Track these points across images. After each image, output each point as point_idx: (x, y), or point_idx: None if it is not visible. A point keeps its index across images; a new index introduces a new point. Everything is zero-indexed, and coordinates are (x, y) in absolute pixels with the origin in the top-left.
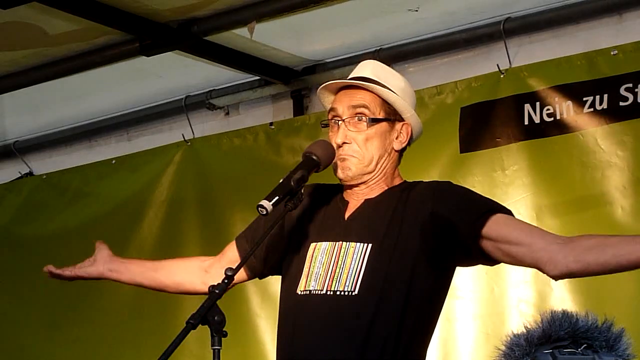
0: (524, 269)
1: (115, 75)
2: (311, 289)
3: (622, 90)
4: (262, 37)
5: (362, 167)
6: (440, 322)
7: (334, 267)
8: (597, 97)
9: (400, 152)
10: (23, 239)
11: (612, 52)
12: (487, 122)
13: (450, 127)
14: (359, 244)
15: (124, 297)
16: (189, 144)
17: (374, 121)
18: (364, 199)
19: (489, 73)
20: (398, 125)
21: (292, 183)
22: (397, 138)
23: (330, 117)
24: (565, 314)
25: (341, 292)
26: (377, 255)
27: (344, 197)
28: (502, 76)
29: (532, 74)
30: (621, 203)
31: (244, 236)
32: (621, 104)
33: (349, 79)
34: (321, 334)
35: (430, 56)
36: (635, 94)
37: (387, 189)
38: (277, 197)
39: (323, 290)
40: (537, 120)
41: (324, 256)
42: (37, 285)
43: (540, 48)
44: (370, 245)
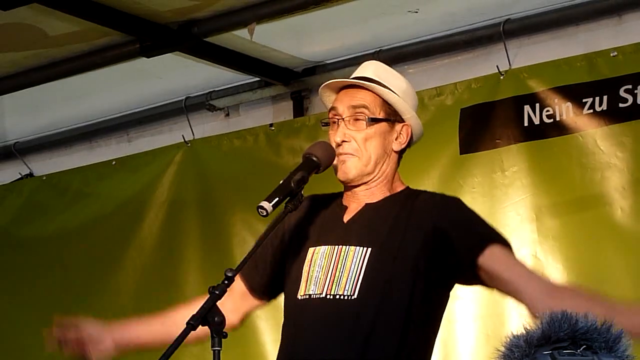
0: None
1: (116, 76)
2: (311, 293)
3: (621, 91)
4: (262, 38)
5: (361, 167)
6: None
7: (334, 270)
8: (597, 98)
9: (399, 154)
10: (23, 239)
11: (611, 54)
12: (487, 123)
13: (450, 128)
14: (358, 247)
15: (126, 298)
16: (189, 145)
17: (374, 121)
18: (365, 203)
19: (489, 74)
20: (398, 126)
21: (292, 184)
22: (396, 139)
23: (330, 116)
24: (564, 315)
25: (341, 297)
26: (376, 259)
27: (343, 202)
28: (501, 77)
29: (531, 76)
30: (620, 204)
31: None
32: (621, 105)
33: (350, 79)
34: (321, 337)
35: (430, 57)
36: (634, 96)
37: (390, 195)
38: (277, 198)
39: (323, 294)
40: (536, 121)
41: (323, 260)
42: (38, 285)
43: (539, 49)
44: (370, 250)
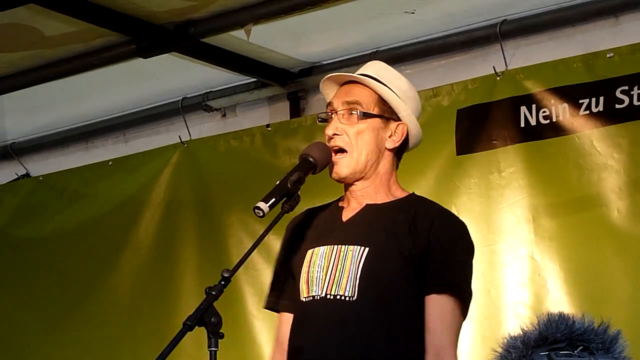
0: (520, 270)
1: (112, 76)
2: (314, 294)
3: (618, 92)
4: (258, 39)
5: (353, 163)
6: None
7: (334, 270)
8: (593, 99)
9: (396, 153)
10: (20, 240)
11: (608, 55)
12: (484, 124)
13: (446, 129)
14: (356, 247)
15: (122, 299)
16: (186, 145)
17: (366, 115)
18: (366, 204)
19: (486, 75)
20: (393, 124)
21: (289, 185)
22: (390, 136)
23: (327, 111)
24: (561, 316)
25: (341, 297)
26: (372, 259)
27: (341, 204)
28: (498, 78)
29: (528, 76)
30: (617, 205)
31: (277, 297)
32: (617, 106)
33: (349, 74)
34: (323, 337)
35: (427, 58)
36: (631, 97)
37: (394, 199)
38: (273, 199)
39: (324, 295)
40: (533, 122)
41: (322, 260)
42: (35, 286)
43: (536, 50)
44: (367, 249)
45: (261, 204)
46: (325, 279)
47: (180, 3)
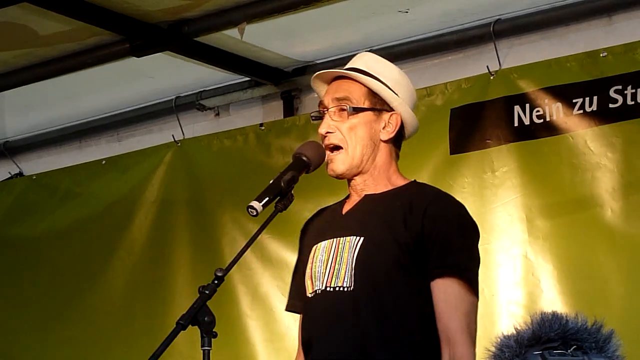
0: (514, 270)
1: (106, 75)
2: (317, 289)
3: (611, 92)
4: (252, 38)
5: (349, 160)
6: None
7: (333, 262)
8: (587, 99)
9: (394, 143)
10: (13, 239)
11: (601, 54)
12: (477, 123)
13: (440, 128)
14: (353, 237)
15: (115, 298)
16: (179, 144)
17: (357, 110)
18: (364, 195)
19: (479, 75)
20: (386, 115)
21: (282, 184)
22: (384, 128)
23: (320, 109)
24: (555, 315)
25: (340, 288)
26: (366, 248)
27: (345, 200)
28: (491, 78)
29: (521, 76)
30: (611, 205)
31: (295, 299)
32: (611, 105)
33: (337, 69)
34: (325, 330)
35: (420, 57)
36: (624, 96)
37: (392, 188)
38: (267, 198)
39: (324, 288)
40: (526, 121)
41: (323, 254)
42: (29, 285)
43: (530, 50)
44: (362, 239)
45: (254, 203)
46: (325, 272)
47: (173, 2)
